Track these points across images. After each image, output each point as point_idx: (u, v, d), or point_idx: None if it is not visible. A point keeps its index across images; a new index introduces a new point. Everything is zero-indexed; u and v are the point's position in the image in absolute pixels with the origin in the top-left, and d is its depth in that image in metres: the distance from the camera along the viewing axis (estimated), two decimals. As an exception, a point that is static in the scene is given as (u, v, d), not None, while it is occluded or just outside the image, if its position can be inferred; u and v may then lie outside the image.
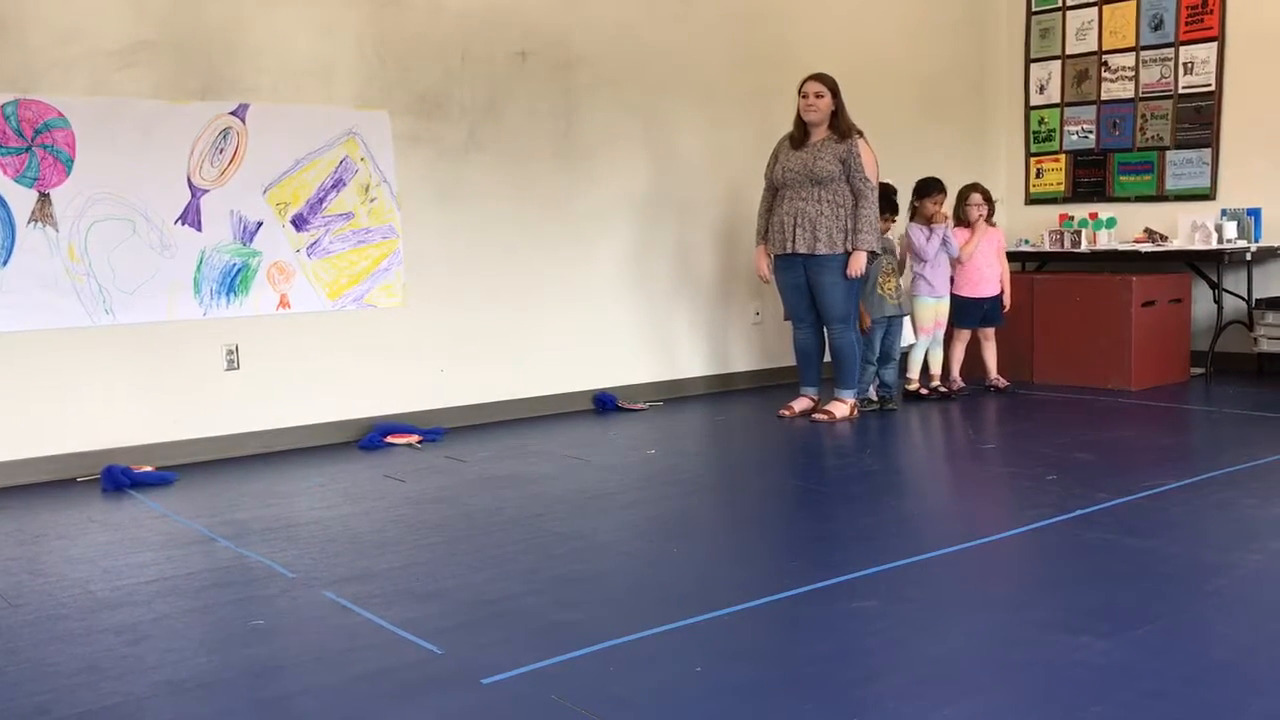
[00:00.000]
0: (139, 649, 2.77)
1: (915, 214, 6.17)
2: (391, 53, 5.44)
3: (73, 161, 4.68)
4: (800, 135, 5.59)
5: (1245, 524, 3.59)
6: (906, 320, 6.07)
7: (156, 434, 4.92)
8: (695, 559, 3.46)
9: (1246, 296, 6.71)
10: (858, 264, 5.47)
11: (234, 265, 5.08)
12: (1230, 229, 6.58)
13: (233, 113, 5.03)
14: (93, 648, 2.79)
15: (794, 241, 5.52)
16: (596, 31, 6.07)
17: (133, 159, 4.80)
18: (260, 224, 5.14)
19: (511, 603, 3.03)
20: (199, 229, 4.98)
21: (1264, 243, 6.63)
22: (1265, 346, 6.26)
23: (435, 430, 5.44)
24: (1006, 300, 6.36)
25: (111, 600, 3.15)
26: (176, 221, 4.93)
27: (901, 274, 6.02)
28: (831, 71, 5.59)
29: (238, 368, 5.12)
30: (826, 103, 5.50)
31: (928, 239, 6.09)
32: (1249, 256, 6.53)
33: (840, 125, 5.52)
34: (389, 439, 5.28)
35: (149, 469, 4.71)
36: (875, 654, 2.63)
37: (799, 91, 5.56)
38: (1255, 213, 6.67)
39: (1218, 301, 6.74)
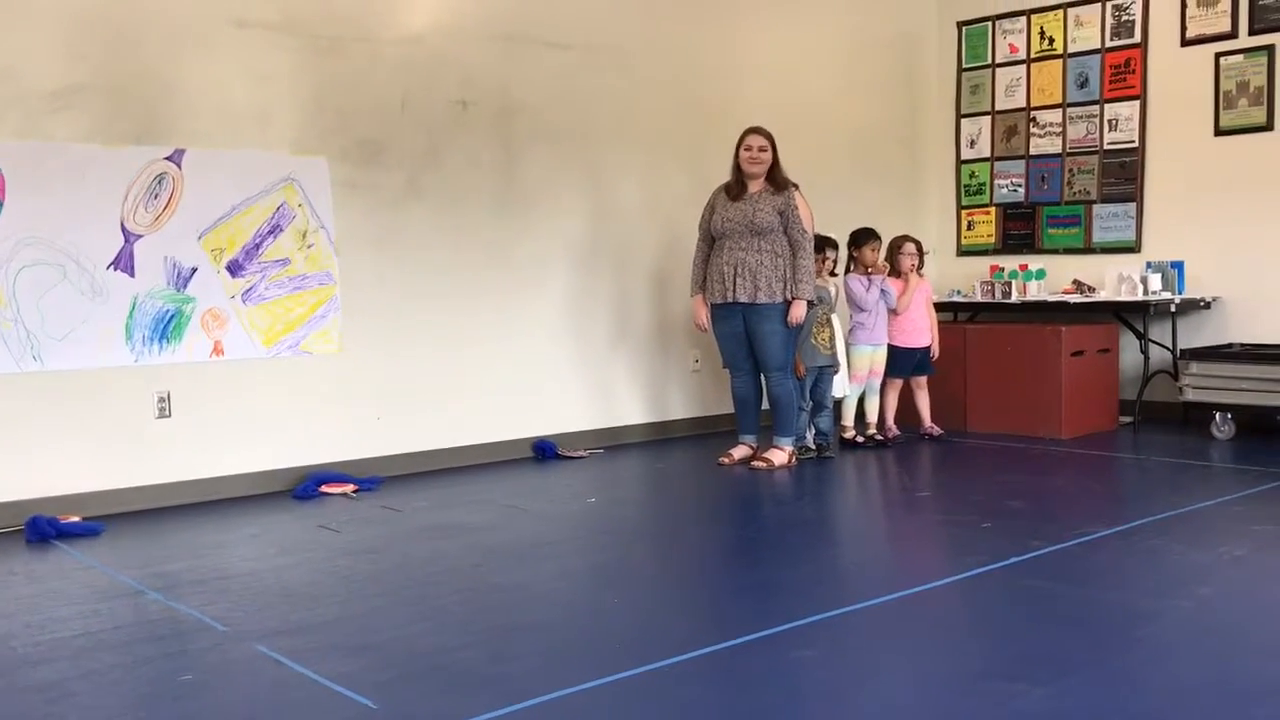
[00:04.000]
0: (62, 707, 2.69)
1: (854, 263, 6.27)
2: (330, 99, 5.43)
3: (1, 205, 4.59)
4: (738, 186, 5.66)
5: (1174, 570, 3.66)
6: (842, 368, 6.13)
7: (84, 483, 4.81)
8: (635, 609, 3.44)
9: (1172, 347, 6.88)
10: (797, 312, 5.54)
11: (167, 311, 5.01)
12: (1155, 281, 6.75)
13: (168, 158, 4.98)
14: (14, 706, 2.70)
15: (734, 291, 5.57)
16: (536, 81, 6.12)
17: (64, 204, 4.72)
18: (195, 270, 5.07)
19: (448, 655, 2.99)
20: (132, 275, 4.91)
21: (1187, 294, 6.81)
22: (1190, 395, 6.40)
23: (371, 479, 5.38)
24: (935, 350, 6.48)
25: (34, 656, 3.06)
26: (109, 267, 4.85)
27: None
28: (766, 124, 5.69)
29: (169, 416, 5.02)
30: (769, 156, 5.59)
31: (867, 289, 6.20)
32: (1173, 308, 6.70)
33: (777, 177, 5.61)
34: (324, 488, 5.20)
35: (75, 519, 4.59)
36: (815, 704, 2.63)
37: (740, 144, 5.64)
38: (1179, 265, 6.86)
39: (1144, 352, 6.90)
